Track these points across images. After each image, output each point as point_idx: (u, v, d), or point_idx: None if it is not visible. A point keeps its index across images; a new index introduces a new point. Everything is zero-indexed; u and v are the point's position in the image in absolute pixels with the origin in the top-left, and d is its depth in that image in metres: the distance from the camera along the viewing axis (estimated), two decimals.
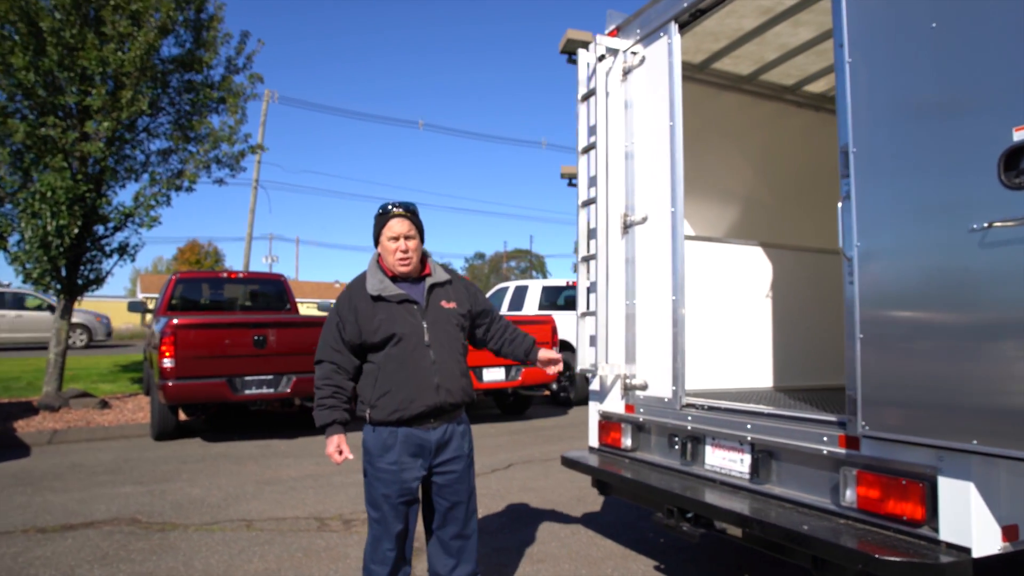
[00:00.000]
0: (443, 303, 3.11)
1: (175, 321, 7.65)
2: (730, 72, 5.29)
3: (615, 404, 4.23)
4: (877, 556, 2.39)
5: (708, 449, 3.56)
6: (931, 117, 2.38)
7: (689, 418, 3.64)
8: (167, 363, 7.43)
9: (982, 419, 2.21)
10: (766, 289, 4.68)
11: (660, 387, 3.91)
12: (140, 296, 44.65)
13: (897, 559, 2.35)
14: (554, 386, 11.76)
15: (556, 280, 13.65)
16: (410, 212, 3.06)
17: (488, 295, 13.13)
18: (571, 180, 15.68)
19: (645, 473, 3.77)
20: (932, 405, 2.36)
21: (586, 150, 4.42)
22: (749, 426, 3.24)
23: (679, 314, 3.80)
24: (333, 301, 14.41)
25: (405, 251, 3.01)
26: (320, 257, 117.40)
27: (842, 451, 2.76)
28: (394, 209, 3.04)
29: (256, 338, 7.73)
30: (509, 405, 10.78)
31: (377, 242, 3.08)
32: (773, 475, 3.16)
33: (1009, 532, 2.37)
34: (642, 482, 3.61)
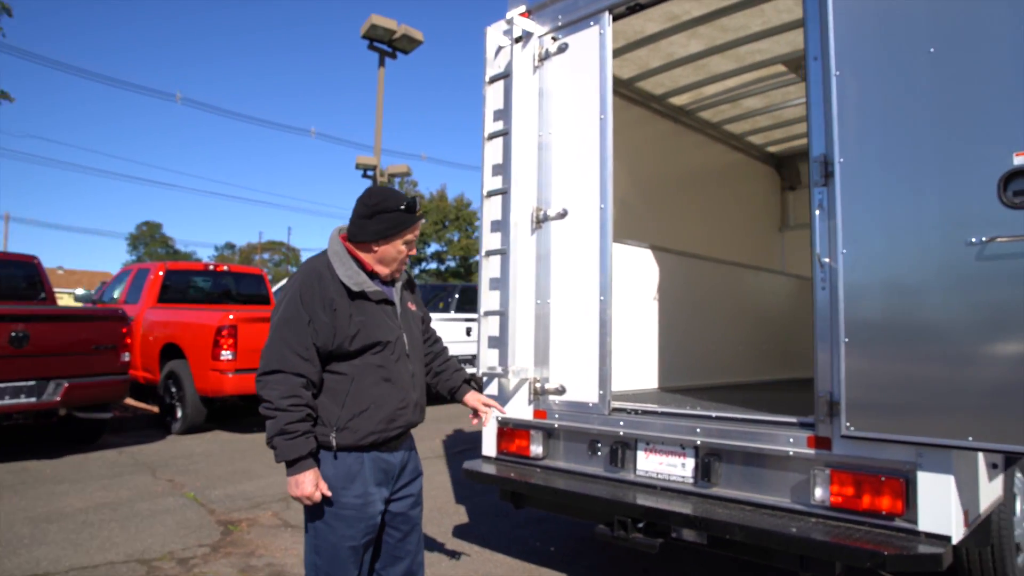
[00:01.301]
0: (410, 304, 2.64)
1: None
2: (615, 75, 5.34)
3: (521, 409, 3.98)
4: (871, 550, 2.48)
5: (640, 455, 3.49)
6: (929, 135, 2.53)
7: (621, 423, 3.53)
8: None
9: (971, 418, 2.39)
10: (652, 291, 4.79)
11: (582, 391, 3.75)
12: None
13: (891, 552, 2.45)
14: None
15: None
16: None
17: (275, 289, 11.96)
18: (366, 171, 15.01)
19: (574, 483, 3.58)
20: (919, 405, 2.51)
21: (492, 136, 4.13)
22: (699, 429, 3.22)
23: (607, 315, 3.68)
24: (92, 291, 12.16)
25: (405, 258, 2.54)
26: (37, 238, 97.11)
27: (811, 452, 2.85)
28: (418, 209, 2.50)
29: (12, 335, 6.05)
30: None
31: (383, 237, 2.45)
32: (722, 478, 3.17)
33: (966, 518, 2.62)
34: (580, 492, 3.42)
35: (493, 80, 4.14)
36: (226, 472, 6.46)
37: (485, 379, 4.10)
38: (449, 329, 11.05)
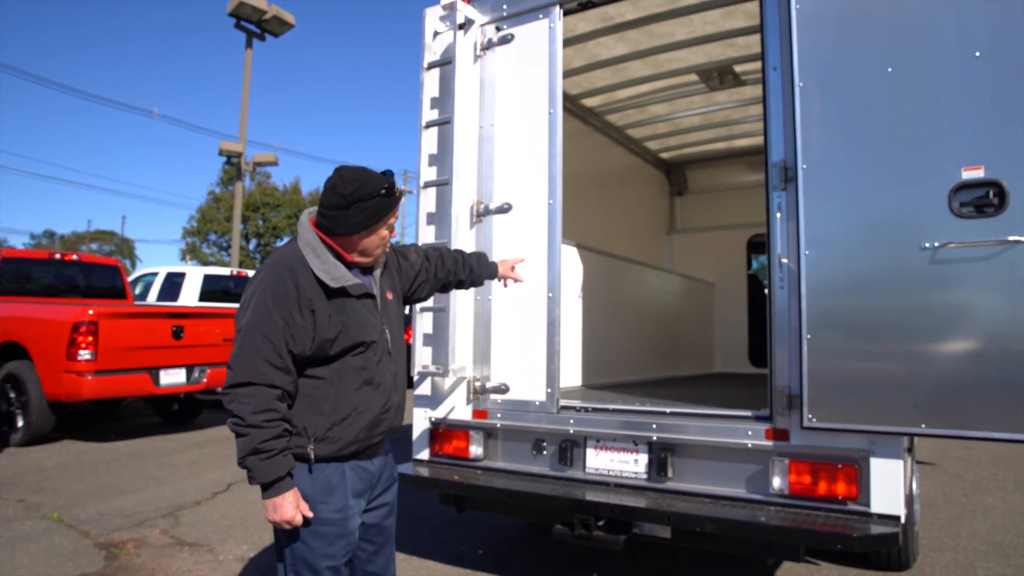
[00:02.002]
0: (388, 294, 2.42)
1: None
2: None
3: (458, 410, 3.86)
4: (839, 533, 2.64)
5: (590, 452, 3.49)
6: (887, 147, 2.73)
7: (571, 421, 3.52)
8: None
9: (924, 407, 2.61)
10: (576, 290, 4.82)
11: (527, 390, 3.69)
12: None
13: (858, 535, 2.62)
14: None
15: (219, 269, 12.11)
16: None
17: (130, 279, 10.81)
18: (230, 159, 13.96)
19: (525, 484, 3.51)
20: (875, 397, 2.71)
21: (430, 125, 3.97)
22: (655, 425, 3.27)
23: (555, 313, 3.66)
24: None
25: (388, 243, 2.31)
26: None
27: (769, 443, 2.98)
28: (397, 189, 2.26)
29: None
30: (174, 413, 9.02)
31: (365, 228, 2.19)
32: (676, 472, 3.24)
33: (906, 499, 2.87)
34: (539, 493, 3.35)
35: (432, 66, 3.98)
36: (91, 487, 5.72)
37: (418, 378, 3.93)
38: None
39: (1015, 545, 4.31)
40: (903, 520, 2.72)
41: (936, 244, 2.60)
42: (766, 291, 3.16)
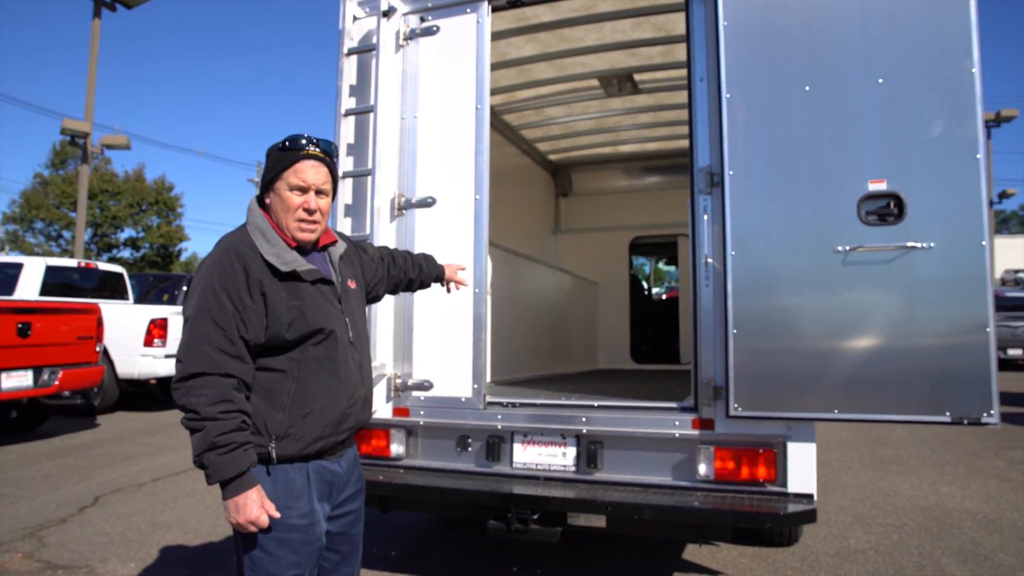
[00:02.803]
0: (351, 283, 2.31)
1: None
2: None
3: (379, 407, 3.75)
4: (764, 513, 2.86)
5: (517, 447, 3.52)
6: (805, 158, 2.99)
7: (499, 417, 3.53)
8: None
9: (836, 394, 2.89)
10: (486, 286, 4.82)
11: (452, 386, 3.66)
12: None
13: (780, 513, 2.85)
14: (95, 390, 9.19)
15: (65, 260, 10.81)
16: (328, 156, 2.18)
17: None
18: (74, 139, 12.53)
19: (452, 481, 3.47)
20: (793, 386, 2.96)
21: (350, 114, 3.82)
22: (584, 419, 3.36)
23: (482, 309, 3.66)
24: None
25: (311, 212, 2.11)
26: None
27: (696, 432, 3.16)
28: (310, 147, 2.12)
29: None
30: (13, 421, 7.98)
31: (269, 187, 2.11)
32: (605, 464, 3.35)
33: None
34: (469, 489, 3.33)
35: (352, 53, 3.83)
36: None
37: None
38: None
39: (872, 515, 4.87)
40: (816, 497, 3.00)
41: (847, 248, 2.89)
42: (647, 292, 3.34)
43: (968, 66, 2.81)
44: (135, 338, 9.12)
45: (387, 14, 3.78)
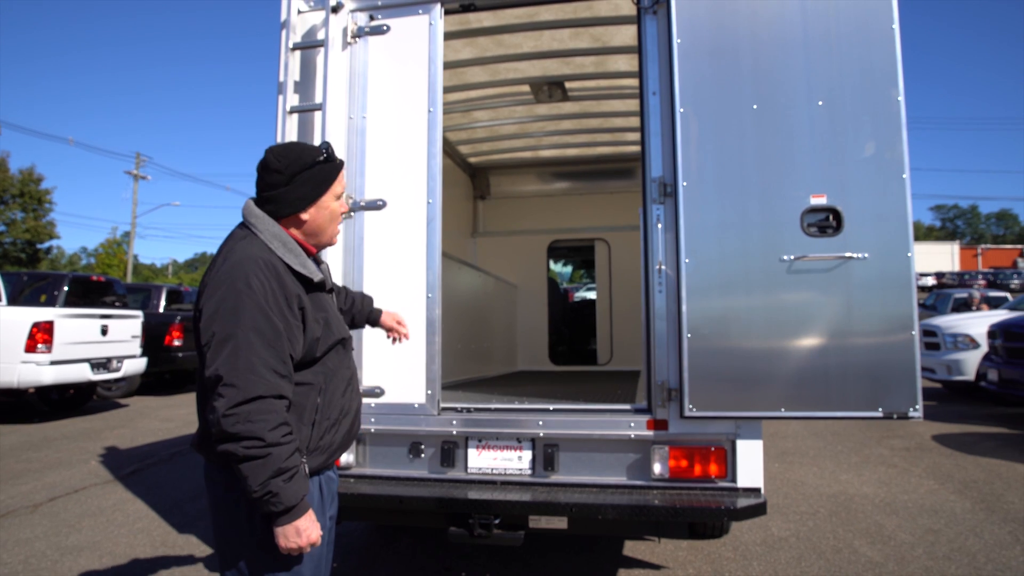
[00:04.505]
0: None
1: None
2: None
3: None
4: (719, 508, 3.01)
5: (472, 452, 3.52)
6: (753, 171, 3.17)
7: (454, 422, 3.51)
8: None
9: (782, 394, 3.09)
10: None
11: (404, 393, 3.61)
12: None
13: (734, 507, 3.01)
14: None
15: None
16: None
17: None
18: None
19: (407, 488, 3.41)
20: (743, 387, 3.13)
21: (295, 111, 3.68)
22: (541, 422, 3.40)
23: (434, 313, 3.62)
24: None
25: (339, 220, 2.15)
26: None
27: (650, 433, 3.28)
28: (334, 153, 2.10)
29: None
30: None
31: (312, 201, 2.02)
32: (560, 466, 3.41)
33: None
34: (432, 497, 3.27)
35: (297, 48, 3.69)
36: None
37: None
38: (80, 328, 9.05)
39: (787, 505, 5.23)
40: (763, 491, 3.19)
41: (792, 257, 3.09)
42: (572, 296, 3.46)
43: (895, 95, 3.09)
44: (14, 344, 8.28)
45: (335, 9, 3.67)
